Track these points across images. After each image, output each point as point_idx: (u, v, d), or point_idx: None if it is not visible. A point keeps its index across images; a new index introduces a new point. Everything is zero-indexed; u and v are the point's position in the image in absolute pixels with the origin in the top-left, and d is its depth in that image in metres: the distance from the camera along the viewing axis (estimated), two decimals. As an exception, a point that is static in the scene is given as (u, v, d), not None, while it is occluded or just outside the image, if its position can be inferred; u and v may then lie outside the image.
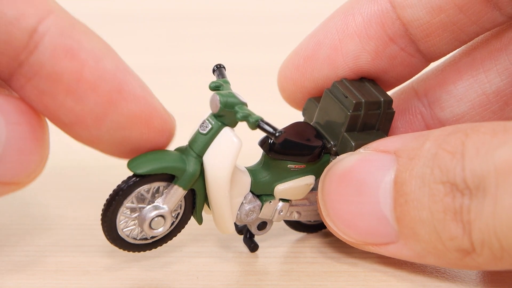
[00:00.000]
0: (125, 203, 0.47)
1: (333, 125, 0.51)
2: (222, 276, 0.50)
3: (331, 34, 0.53)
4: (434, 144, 0.46)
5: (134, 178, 0.47)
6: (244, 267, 0.51)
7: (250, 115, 0.46)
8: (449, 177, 0.44)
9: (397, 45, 0.52)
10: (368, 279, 0.49)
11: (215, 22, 1.15)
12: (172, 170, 0.47)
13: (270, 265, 0.51)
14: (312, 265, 0.51)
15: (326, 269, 0.51)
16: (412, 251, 0.47)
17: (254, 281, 0.49)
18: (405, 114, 0.56)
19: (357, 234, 0.49)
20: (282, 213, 0.51)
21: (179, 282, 0.49)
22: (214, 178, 0.48)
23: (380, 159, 0.48)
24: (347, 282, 0.49)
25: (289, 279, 0.49)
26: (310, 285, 0.49)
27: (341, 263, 0.51)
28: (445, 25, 0.51)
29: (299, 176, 0.51)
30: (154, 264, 0.51)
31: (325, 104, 0.52)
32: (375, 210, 0.47)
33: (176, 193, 0.48)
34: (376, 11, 0.52)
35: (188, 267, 0.51)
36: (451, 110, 0.55)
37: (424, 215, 0.45)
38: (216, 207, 0.49)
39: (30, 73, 0.45)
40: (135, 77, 0.47)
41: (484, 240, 0.44)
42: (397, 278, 0.49)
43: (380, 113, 0.51)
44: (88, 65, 0.45)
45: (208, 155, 0.48)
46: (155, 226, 0.48)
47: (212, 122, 0.48)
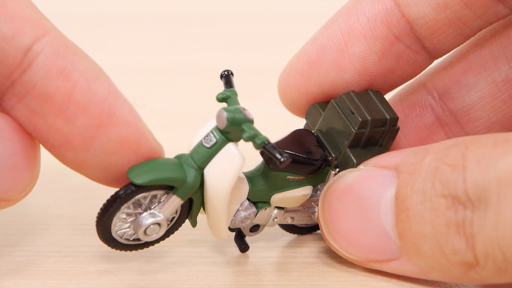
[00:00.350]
0: (122, 209, 0.47)
1: (336, 137, 0.51)
2: (222, 276, 0.50)
3: (335, 36, 0.52)
4: (434, 158, 0.45)
5: (133, 186, 0.47)
6: (244, 267, 0.51)
7: (256, 136, 0.46)
8: (450, 190, 0.44)
9: (403, 44, 0.52)
10: (368, 279, 0.49)
11: (215, 22, 1.15)
12: (172, 182, 0.47)
13: (270, 265, 0.51)
14: (312, 265, 0.51)
15: (326, 269, 0.51)
16: (416, 267, 0.47)
17: (254, 281, 0.49)
18: (415, 108, 0.56)
19: (359, 251, 0.48)
20: (276, 220, 0.51)
21: (179, 282, 0.49)
22: (214, 193, 0.48)
23: (381, 175, 0.47)
24: (347, 282, 0.49)
25: (289, 279, 0.49)
26: (310, 285, 0.49)
27: (341, 263, 0.51)
28: (451, 21, 0.51)
29: (297, 187, 0.50)
30: (154, 264, 0.51)
31: (330, 115, 0.52)
32: (377, 226, 0.47)
33: (174, 202, 0.48)
34: (381, 10, 0.52)
35: (188, 267, 0.51)
36: (461, 100, 0.55)
37: (426, 229, 0.45)
38: (213, 216, 0.49)
39: (22, 92, 0.45)
40: (125, 102, 0.47)
41: (487, 252, 0.43)
42: (397, 278, 0.49)
43: (385, 130, 0.51)
44: (80, 86, 0.45)
45: (209, 169, 0.47)
46: (150, 232, 0.48)
47: (216, 136, 0.47)
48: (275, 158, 0.45)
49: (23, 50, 0.44)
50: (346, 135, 0.50)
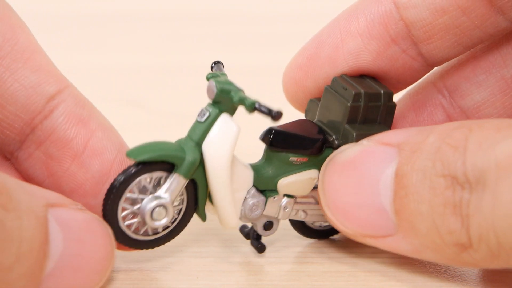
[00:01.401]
0: (125, 192, 0.47)
1: (334, 120, 0.51)
2: (222, 276, 0.50)
3: (334, 33, 0.53)
4: (437, 138, 0.46)
5: (133, 167, 0.47)
6: (244, 267, 0.51)
7: (246, 98, 0.47)
8: (450, 170, 0.44)
9: (399, 47, 0.52)
10: (368, 279, 0.49)
11: (215, 22, 1.15)
12: (171, 158, 0.48)
13: (270, 265, 0.51)
14: (312, 265, 0.51)
15: (326, 269, 0.51)
16: (410, 245, 0.47)
17: (254, 281, 0.49)
18: (426, 107, 0.56)
19: (355, 225, 0.48)
20: (287, 210, 0.51)
21: (179, 282, 0.49)
22: (213, 165, 0.48)
23: (383, 151, 0.48)
24: (347, 282, 0.49)
25: (289, 279, 0.49)
26: (310, 285, 0.49)
27: (341, 263, 0.51)
28: (448, 27, 0.51)
29: (302, 170, 0.51)
30: (154, 264, 0.51)
31: (325, 100, 0.52)
32: (375, 202, 0.47)
33: (177, 182, 0.48)
34: (380, 11, 0.52)
35: (188, 267, 0.51)
36: (471, 97, 0.55)
37: (424, 208, 0.45)
38: (217, 198, 0.49)
39: (41, 137, 0.48)
40: None
41: (481, 235, 0.43)
42: (397, 278, 0.49)
43: (381, 105, 0.51)
44: (97, 134, 0.48)
45: (206, 143, 0.48)
46: (156, 216, 0.48)
47: (209, 109, 0.48)
48: (268, 113, 0.46)
49: (46, 97, 0.48)
50: (342, 112, 0.51)
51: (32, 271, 0.42)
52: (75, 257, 0.44)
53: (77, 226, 0.45)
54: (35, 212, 0.43)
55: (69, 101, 0.49)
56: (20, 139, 0.49)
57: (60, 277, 0.44)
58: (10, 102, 0.48)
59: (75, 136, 0.48)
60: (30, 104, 0.48)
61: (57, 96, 0.49)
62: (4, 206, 0.41)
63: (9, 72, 0.48)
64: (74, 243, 0.44)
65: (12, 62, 0.48)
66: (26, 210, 0.42)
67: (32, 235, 0.42)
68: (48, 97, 0.48)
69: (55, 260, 0.43)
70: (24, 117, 0.48)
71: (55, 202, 0.45)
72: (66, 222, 0.44)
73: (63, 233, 0.44)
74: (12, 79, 0.48)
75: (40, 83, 0.48)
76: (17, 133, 0.49)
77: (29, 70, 0.48)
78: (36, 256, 0.42)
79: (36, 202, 0.43)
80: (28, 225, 0.42)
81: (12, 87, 0.48)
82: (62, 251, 0.44)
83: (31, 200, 0.43)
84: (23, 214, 0.42)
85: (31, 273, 0.42)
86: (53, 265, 0.43)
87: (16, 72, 0.48)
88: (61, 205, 0.45)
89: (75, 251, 0.44)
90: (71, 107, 0.49)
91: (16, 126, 0.49)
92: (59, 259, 0.44)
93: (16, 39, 0.48)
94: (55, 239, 0.43)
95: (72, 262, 0.44)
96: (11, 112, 0.48)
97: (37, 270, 0.43)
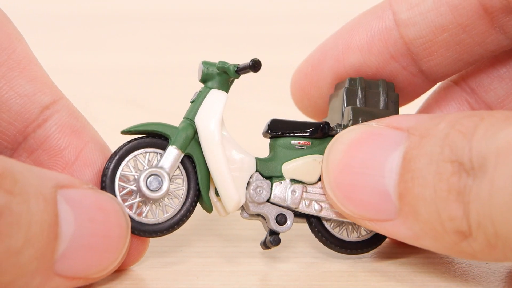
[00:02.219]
0: (121, 166, 0.48)
1: (337, 112, 0.52)
2: (222, 276, 0.50)
3: (336, 46, 0.54)
4: (448, 124, 0.45)
5: (128, 142, 0.49)
6: (244, 267, 0.51)
7: (227, 64, 0.49)
8: (458, 156, 0.44)
9: (399, 64, 0.53)
10: (368, 279, 0.49)
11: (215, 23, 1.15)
12: (163, 129, 0.49)
13: (270, 265, 0.51)
14: (312, 265, 0.51)
15: (326, 269, 0.51)
16: (410, 231, 0.46)
17: (254, 281, 0.49)
18: (451, 104, 0.56)
19: (356, 206, 0.48)
20: (296, 195, 0.50)
21: (179, 282, 0.49)
22: (205, 129, 0.49)
23: (392, 134, 0.47)
24: (347, 282, 0.49)
25: (289, 279, 0.49)
26: (310, 285, 0.49)
27: (341, 263, 0.51)
28: (448, 45, 0.51)
29: (305, 155, 0.51)
30: (154, 264, 0.51)
31: (331, 104, 0.53)
32: (379, 184, 0.47)
33: (171, 153, 0.49)
34: (380, 28, 0.53)
35: (188, 267, 0.51)
36: (494, 92, 0.55)
37: (428, 193, 0.44)
38: (213, 165, 0.49)
39: (34, 146, 0.48)
40: None
41: (480, 222, 0.43)
42: (397, 278, 0.49)
43: (380, 92, 0.52)
44: (89, 146, 0.49)
45: (198, 115, 0.49)
46: (152, 186, 0.48)
47: (200, 90, 0.50)
48: (248, 66, 0.49)
49: (41, 107, 0.48)
50: (341, 99, 0.52)
51: (43, 253, 0.43)
52: (88, 237, 0.45)
53: (88, 206, 0.45)
54: (43, 194, 0.43)
55: (63, 112, 0.49)
56: (12, 147, 0.49)
57: (74, 257, 0.44)
58: (4, 109, 0.48)
59: (67, 145, 0.49)
60: (24, 113, 0.48)
61: (52, 106, 0.49)
62: (9, 190, 0.41)
63: (5, 80, 0.48)
64: (86, 223, 0.45)
65: (8, 71, 0.48)
66: (34, 192, 0.42)
67: (40, 217, 0.42)
68: (43, 107, 0.49)
69: (68, 241, 0.44)
70: (18, 125, 0.48)
71: (64, 183, 0.45)
72: (77, 202, 0.45)
73: (74, 213, 0.44)
74: (7, 87, 0.48)
75: (35, 93, 0.49)
76: (10, 141, 0.49)
77: (25, 79, 0.48)
78: (46, 238, 0.42)
79: (45, 184, 0.44)
80: (36, 208, 0.42)
81: (7, 95, 0.48)
82: (74, 231, 0.44)
83: (40, 182, 0.43)
84: (30, 197, 0.42)
85: (42, 255, 0.43)
86: (66, 246, 0.44)
87: (12, 80, 0.48)
88: (71, 186, 0.45)
89: (87, 230, 0.45)
90: (65, 118, 0.49)
91: (9, 134, 0.49)
92: (71, 240, 0.44)
93: (13, 48, 0.49)
94: (66, 219, 0.44)
95: (85, 242, 0.44)
96: (5, 119, 0.48)
97: (49, 252, 0.43)
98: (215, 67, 0.50)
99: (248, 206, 0.50)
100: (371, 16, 0.53)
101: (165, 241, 0.53)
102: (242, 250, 0.53)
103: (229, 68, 0.49)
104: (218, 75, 0.50)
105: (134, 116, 0.78)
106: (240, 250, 0.53)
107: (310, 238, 0.53)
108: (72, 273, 0.44)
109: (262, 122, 0.51)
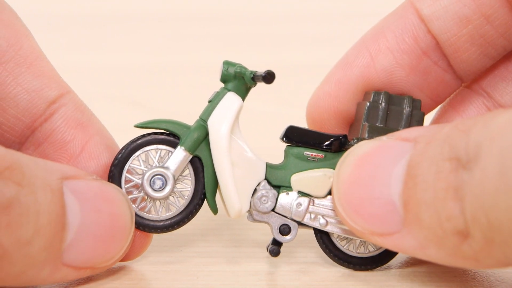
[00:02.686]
0: (132, 158, 0.49)
1: (358, 126, 0.51)
2: (222, 276, 0.50)
3: (361, 54, 0.53)
4: (451, 126, 0.45)
5: (142, 136, 0.49)
6: (244, 267, 0.51)
7: (245, 70, 0.49)
8: (456, 152, 0.43)
9: (431, 59, 0.52)
10: (368, 279, 0.49)
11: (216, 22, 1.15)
12: (175, 128, 0.49)
13: (270, 265, 0.51)
14: (312, 265, 0.51)
15: (326, 269, 0.51)
16: (415, 240, 0.45)
17: (254, 281, 0.49)
18: (469, 107, 0.55)
19: (365, 220, 0.47)
20: (301, 209, 0.50)
21: (179, 282, 0.49)
22: (215, 133, 0.49)
23: (399, 145, 0.47)
24: (347, 282, 0.49)
25: (289, 279, 0.50)
26: (310, 285, 0.49)
27: (341, 263, 0.51)
28: (473, 38, 0.51)
29: (317, 167, 0.50)
30: (154, 264, 0.51)
31: (356, 114, 0.53)
32: (385, 194, 0.46)
33: (179, 154, 0.49)
34: (407, 25, 0.52)
35: (188, 267, 0.51)
36: (510, 95, 0.55)
37: (428, 195, 0.44)
38: (219, 168, 0.49)
39: (40, 139, 0.49)
40: None
41: (474, 216, 0.42)
42: (397, 278, 0.49)
43: (403, 110, 0.51)
44: (94, 139, 0.49)
45: (211, 117, 0.49)
46: (155, 186, 0.49)
47: (218, 90, 0.50)
48: (262, 76, 0.48)
49: (48, 101, 0.49)
50: (363, 112, 0.51)
51: (51, 243, 0.43)
52: (94, 227, 0.45)
53: (93, 196, 0.46)
54: (50, 186, 0.44)
55: (69, 106, 0.50)
56: (20, 141, 0.50)
57: (80, 247, 0.45)
58: (12, 105, 0.49)
59: (72, 138, 0.49)
60: (32, 108, 0.49)
61: (58, 101, 0.50)
62: (18, 182, 0.42)
63: (12, 76, 0.49)
64: (91, 213, 0.45)
65: (15, 67, 0.49)
66: (41, 184, 0.43)
67: (48, 208, 0.43)
68: (50, 101, 0.49)
69: (74, 231, 0.45)
70: (25, 120, 0.49)
71: (70, 175, 0.46)
72: (82, 192, 0.45)
73: (80, 204, 0.45)
74: (15, 83, 0.49)
75: (43, 88, 0.49)
76: (18, 135, 0.50)
77: (32, 75, 0.49)
78: (54, 228, 0.43)
79: (51, 176, 0.44)
80: (44, 199, 0.43)
81: (14, 91, 0.49)
82: (80, 221, 0.45)
83: (46, 174, 0.44)
84: (37, 189, 0.43)
85: (51, 245, 0.43)
86: (73, 236, 0.44)
87: (19, 76, 0.49)
88: (76, 177, 0.46)
89: (93, 220, 0.45)
90: (71, 111, 0.50)
91: (17, 129, 0.49)
92: (78, 230, 0.45)
93: (20, 44, 0.49)
94: (72, 210, 0.44)
95: (91, 232, 0.45)
96: (13, 115, 0.49)
97: (57, 242, 0.44)
98: (234, 70, 0.49)
99: (252, 213, 0.50)
100: (394, 17, 0.53)
101: (165, 240, 0.53)
102: (242, 250, 0.53)
103: (245, 74, 0.49)
104: (235, 79, 0.49)
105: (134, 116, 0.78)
106: (240, 250, 0.53)
107: (310, 238, 0.53)
108: (79, 263, 0.45)
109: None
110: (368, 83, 0.53)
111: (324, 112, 0.54)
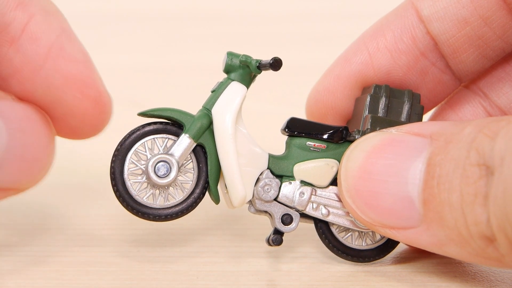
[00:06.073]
0: (135, 146, 0.49)
1: (358, 118, 0.52)
2: (222, 276, 0.50)
3: (361, 51, 0.53)
4: (475, 128, 0.45)
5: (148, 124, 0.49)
6: (244, 267, 0.51)
7: (251, 58, 0.49)
8: (485, 159, 0.43)
9: (428, 60, 0.53)
10: (368, 279, 0.49)
11: (215, 22, 1.15)
12: (179, 116, 0.49)
13: (270, 265, 0.51)
14: (312, 265, 0.51)
15: (326, 269, 0.51)
16: (433, 238, 0.45)
17: (254, 281, 0.49)
18: (465, 107, 0.55)
19: (377, 214, 0.47)
20: (304, 198, 0.50)
21: (179, 282, 0.49)
22: (220, 121, 0.49)
23: (414, 141, 0.47)
24: (347, 282, 0.49)
25: (289, 279, 0.50)
26: (310, 285, 0.49)
27: (341, 263, 0.51)
28: (471, 39, 0.52)
29: (320, 157, 0.51)
30: (154, 264, 0.51)
31: (355, 107, 0.53)
32: (402, 191, 0.46)
33: (184, 141, 0.49)
34: (406, 25, 0.53)
35: (188, 267, 0.51)
36: (507, 96, 0.55)
37: (454, 198, 0.44)
38: (224, 162, 0.49)
39: None
40: (78, 42, 0.49)
41: (499, 225, 0.42)
42: (397, 278, 0.49)
43: (404, 102, 0.51)
44: (36, 18, 0.47)
45: (216, 106, 0.49)
46: (160, 172, 0.49)
47: (222, 80, 0.50)
48: (269, 64, 0.48)
49: None
50: (364, 105, 0.51)
51: None
52: (20, 147, 0.45)
53: (17, 117, 0.45)
54: None
55: None
56: None
57: (8, 168, 0.44)
58: None
59: (12, 20, 0.47)
60: None
61: None
62: None
63: None
64: (17, 133, 0.45)
65: None
66: None
67: None
68: None
69: (2, 152, 0.44)
70: None
71: None
72: (6, 113, 0.44)
73: (6, 125, 0.44)
74: None
75: None
76: None
77: None
78: None
79: None
80: None
81: None
82: (7, 143, 0.44)
83: None
84: None
85: None
86: (1, 157, 0.44)
87: None
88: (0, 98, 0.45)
89: (19, 141, 0.45)
90: None
91: None
92: (5, 151, 0.44)
93: None
94: None
95: (18, 152, 0.44)
96: None
97: None
98: (238, 60, 0.50)
99: (255, 203, 0.50)
100: (394, 16, 0.53)
101: (166, 240, 0.53)
102: (242, 250, 0.53)
103: (251, 63, 0.49)
104: (240, 68, 0.50)
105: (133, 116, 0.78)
106: (240, 250, 0.53)
107: (310, 238, 0.53)
108: (6, 184, 0.45)
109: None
110: (366, 80, 0.53)
111: (322, 107, 0.55)
